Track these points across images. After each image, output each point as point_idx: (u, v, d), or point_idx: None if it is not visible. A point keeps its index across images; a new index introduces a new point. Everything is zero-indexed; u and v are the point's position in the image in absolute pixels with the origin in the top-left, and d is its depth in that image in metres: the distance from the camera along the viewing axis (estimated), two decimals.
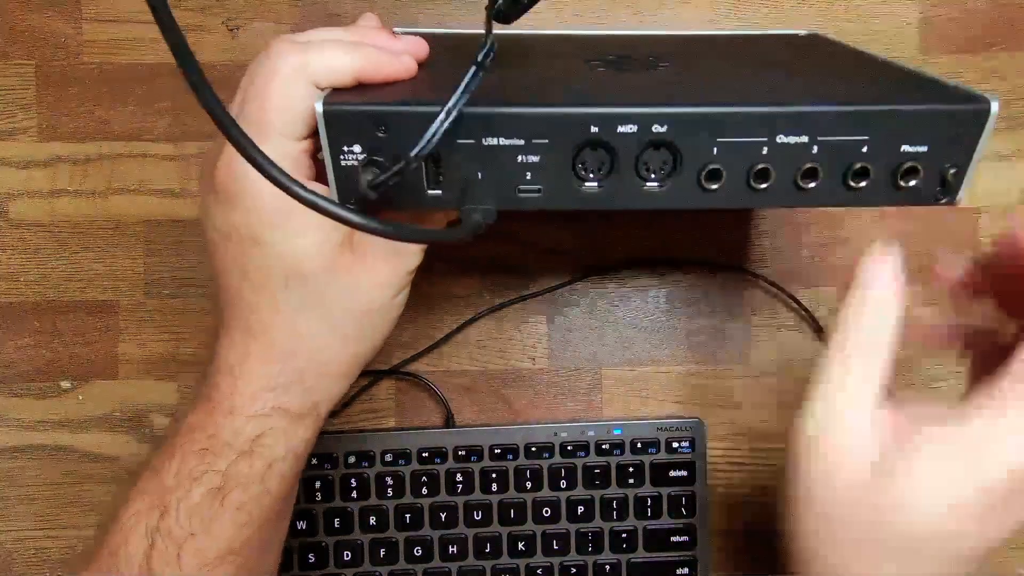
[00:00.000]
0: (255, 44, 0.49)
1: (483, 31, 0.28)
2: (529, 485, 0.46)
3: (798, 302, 0.49)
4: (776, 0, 0.49)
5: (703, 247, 0.49)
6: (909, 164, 0.28)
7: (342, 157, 0.28)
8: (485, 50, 0.26)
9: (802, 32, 0.44)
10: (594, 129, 0.27)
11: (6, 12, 0.48)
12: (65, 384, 0.48)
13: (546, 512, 0.46)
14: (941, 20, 0.49)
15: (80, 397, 0.49)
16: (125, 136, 0.48)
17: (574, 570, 0.46)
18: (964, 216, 0.49)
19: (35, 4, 0.48)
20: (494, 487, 0.46)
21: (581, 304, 0.49)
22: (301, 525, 0.46)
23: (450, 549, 0.46)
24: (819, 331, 0.49)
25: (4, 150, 0.48)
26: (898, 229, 0.49)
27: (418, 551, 0.46)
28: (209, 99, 0.21)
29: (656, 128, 0.27)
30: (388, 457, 0.46)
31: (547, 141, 0.27)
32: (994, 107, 0.27)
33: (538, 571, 0.46)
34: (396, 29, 0.42)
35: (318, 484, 0.46)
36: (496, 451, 0.46)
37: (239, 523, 0.31)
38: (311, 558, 0.46)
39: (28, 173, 0.48)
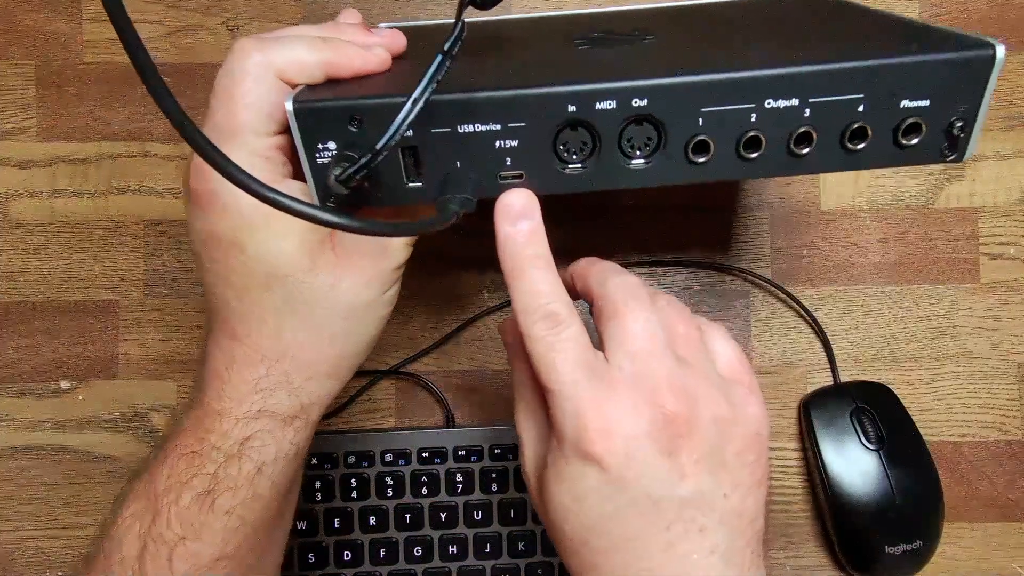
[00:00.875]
0: None
1: (478, 20, 0.27)
2: None
3: (798, 302, 0.49)
4: None
5: (703, 247, 0.49)
6: (911, 121, 0.26)
7: (317, 155, 0.27)
8: (452, 39, 0.26)
9: None
10: (571, 108, 0.26)
11: (6, 12, 0.48)
12: (65, 384, 0.48)
13: None
14: (941, 20, 0.49)
15: (80, 397, 0.49)
16: (125, 136, 0.49)
17: None
18: (964, 216, 0.49)
19: (35, 4, 0.48)
20: (494, 487, 0.46)
21: (581, 304, 0.49)
22: (301, 525, 0.46)
23: (450, 549, 0.46)
24: (819, 331, 0.49)
25: (4, 150, 0.48)
26: (897, 229, 0.49)
27: (418, 551, 0.46)
28: (163, 97, 0.21)
29: (636, 102, 0.26)
30: (388, 457, 0.46)
31: (524, 124, 0.26)
32: (999, 52, 0.25)
33: (538, 571, 0.46)
34: (380, 25, 0.42)
35: (318, 484, 0.46)
36: (496, 451, 0.46)
37: (230, 528, 0.31)
38: (311, 558, 0.46)
39: (28, 173, 0.48)
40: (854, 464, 0.45)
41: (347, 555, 0.46)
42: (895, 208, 0.49)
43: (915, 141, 0.27)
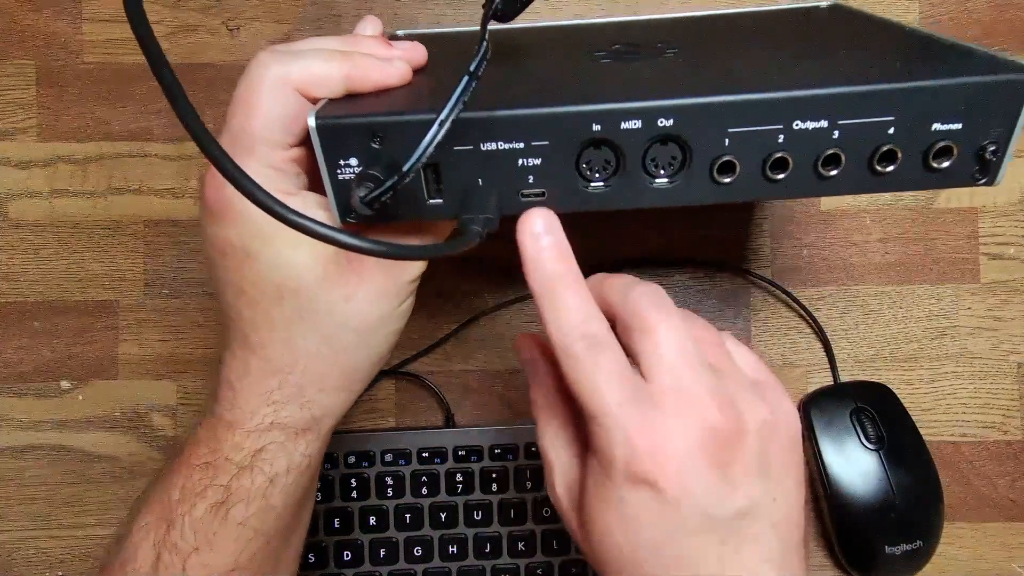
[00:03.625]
0: (255, 44, 0.49)
1: (496, 28, 0.27)
2: (529, 485, 0.46)
3: (798, 302, 0.49)
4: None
5: (703, 247, 0.49)
6: (942, 144, 0.26)
7: (339, 171, 0.27)
8: (478, 59, 0.25)
9: (823, 3, 0.41)
10: (596, 127, 0.26)
11: (6, 12, 0.48)
12: (65, 384, 0.48)
13: (546, 512, 0.46)
14: (941, 20, 0.49)
15: (80, 397, 0.48)
16: (125, 136, 0.49)
17: (574, 569, 0.46)
18: (963, 216, 0.49)
19: (35, 4, 0.48)
20: (494, 487, 0.46)
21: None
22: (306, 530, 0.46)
23: (450, 549, 0.46)
24: (819, 331, 0.49)
25: (4, 150, 0.48)
26: (897, 229, 0.49)
27: (418, 551, 0.46)
28: (186, 113, 0.21)
29: (662, 122, 0.26)
30: (388, 457, 0.46)
31: (548, 143, 0.26)
32: None
33: (538, 571, 0.46)
34: (399, 32, 0.42)
35: (318, 484, 0.46)
36: (496, 451, 0.46)
37: (243, 538, 0.31)
38: (311, 558, 0.46)
39: (28, 173, 0.48)
40: (854, 464, 0.45)
41: (347, 555, 0.46)
42: (895, 208, 0.49)
43: (946, 164, 0.26)
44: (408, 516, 0.46)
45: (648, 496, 0.25)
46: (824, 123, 0.26)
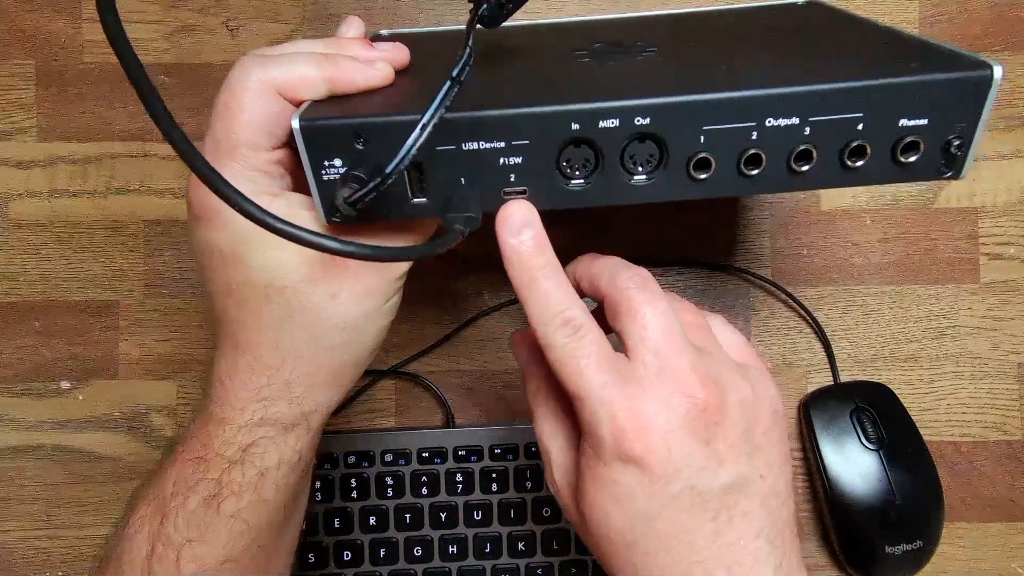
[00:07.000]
0: (255, 44, 0.49)
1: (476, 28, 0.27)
2: (529, 485, 0.46)
3: (798, 302, 0.49)
4: None
5: (702, 247, 0.49)
6: (909, 139, 0.27)
7: (323, 172, 0.27)
8: (461, 64, 0.26)
9: (800, 0, 0.42)
10: (575, 126, 0.26)
11: (6, 12, 0.48)
12: (65, 384, 0.48)
13: (546, 512, 0.46)
14: (941, 20, 0.49)
15: (80, 397, 0.49)
16: (125, 136, 0.49)
17: (574, 569, 0.46)
18: (964, 216, 0.49)
19: (35, 4, 0.48)
20: (494, 487, 0.46)
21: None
22: (301, 525, 0.46)
23: (450, 549, 0.46)
24: (819, 331, 0.49)
25: (4, 150, 0.48)
26: (897, 229, 0.49)
27: (418, 551, 0.46)
28: (162, 117, 0.21)
29: (639, 121, 0.26)
30: (388, 457, 0.46)
31: (528, 142, 0.27)
32: (997, 73, 0.26)
33: (538, 571, 0.46)
34: (383, 31, 0.42)
35: (318, 484, 0.46)
36: (496, 451, 0.46)
37: (235, 531, 0.31)
38: (311, 558, 0.46)
39: (28, 173, 0.48)
40: (854, 464, 0.45)
41: (347, 555, 0.46)
42: (895, 208, 0.49)
43: (913, 159, 0.27)
44: (408, 516, 0.46)
45: (637, 473, 0.26)
46: (796, 120, 0.26)
